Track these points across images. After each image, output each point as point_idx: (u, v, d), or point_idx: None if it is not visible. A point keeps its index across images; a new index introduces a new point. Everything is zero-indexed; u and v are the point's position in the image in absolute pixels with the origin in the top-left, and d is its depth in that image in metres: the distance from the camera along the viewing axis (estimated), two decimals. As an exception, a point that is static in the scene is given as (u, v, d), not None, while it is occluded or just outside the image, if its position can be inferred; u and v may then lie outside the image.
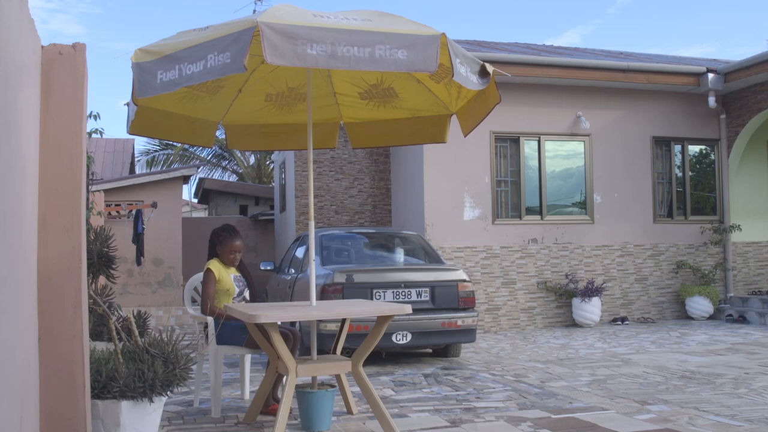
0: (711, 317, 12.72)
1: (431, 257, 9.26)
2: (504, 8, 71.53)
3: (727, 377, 7.20)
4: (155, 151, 28.64)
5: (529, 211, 12.33)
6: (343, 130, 6.70)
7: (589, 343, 9.96)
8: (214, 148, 28.12)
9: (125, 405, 4.11)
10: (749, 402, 6.03)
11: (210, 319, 5.98)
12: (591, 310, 11.88)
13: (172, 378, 4.28)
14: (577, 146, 12.66)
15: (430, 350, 9.24)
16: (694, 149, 13.59)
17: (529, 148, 12.38)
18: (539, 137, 12.37)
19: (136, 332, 4.47)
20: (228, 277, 6.08)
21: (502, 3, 71.28)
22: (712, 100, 12.96)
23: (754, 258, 13.57)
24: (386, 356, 8.88)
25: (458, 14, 72.55)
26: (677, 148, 13.39)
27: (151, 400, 4.18)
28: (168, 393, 4.32)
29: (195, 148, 27.35)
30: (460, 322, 8.32)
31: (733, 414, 5.60)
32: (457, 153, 11.61)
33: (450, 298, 8.39)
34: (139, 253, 13.54)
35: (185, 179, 16.79)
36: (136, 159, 25.30)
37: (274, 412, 5.72)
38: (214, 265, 6.05)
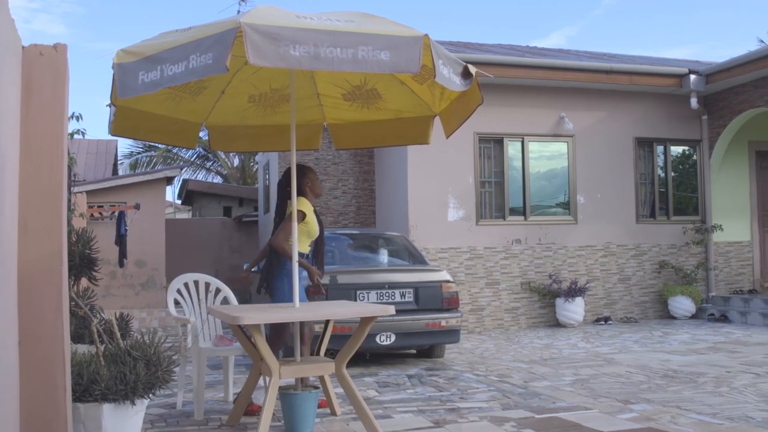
0: (693, 316, 12.80)
1: (415, 258, 9.26)
2: (490, 10, 71.65)
3: (708, 376, 7.25)
4: (138, 153, 28.55)
5: (513, 211, 12.36)
6: (327, 132, 6.69)
7: (572, 343, 10.00)
8: (197, 149, 28.07)
9: (107, 408, 4.08)
10: (730, 400, 6.07)
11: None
12: (574, 310, 11.93)
13: (154, 380, 4.26)
14: (560, 147, 12.70)
15: (414, 351, 9.25)
16: (676, 150, 13.67)
17: (512, 149, 12.41)
18: (523, 138, 12.41)
19: (118, 334, 4.45)
20: (314, 219, 5.91)
21: (488, 5, 71.42)
22: (694, 101, 13.04)
23: (735, 257, 13.66)
24: (370, 357, 8.88)
25: (444, 16, 72.64)
26: (660, 148, 13.47)
27: (133, 403, 4.15)
28: (150, 395, 4.30)
29: (178, 149, 27.29)
30: (444, 323, 8.32)
31: (714, 412, 5.64)
32: (441, 154, 11.62)
33: (434, 298, 8.39)
34: (122, 254, 13.46)
35: (168, 180, 16.73)
36: (119, 162, 25.19)
37: (253, 413, 5.71)
38: (306, 206, 5.83)
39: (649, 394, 6.42)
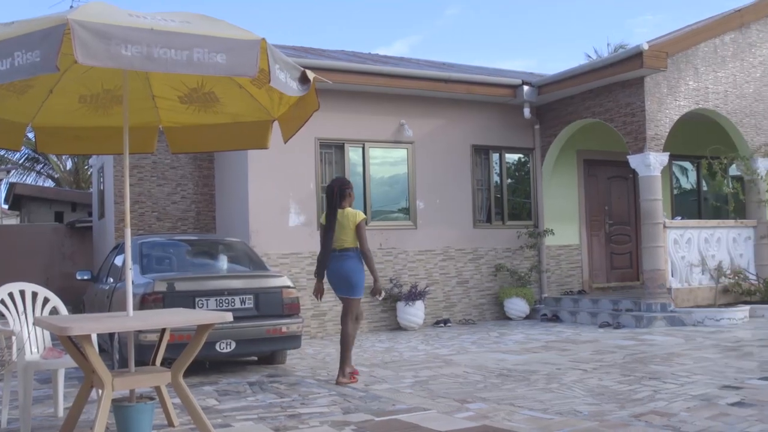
0: (527, 317, 13.34)
1: (255, 264, 9.16)
2: (335, 16, 72.22)
3: (540, 374, 7.56)
4: (-39, 154, 26.86)
5: (355, 216, 12.43)
6: (163, 135, 6.51)
7: (412, 346, 10.18)
8: (27, 151, 26.73)
9: None
10: (560, 396, 6.35)
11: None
12: (415, 313, 12.16)
13: (-28, 397, 4.00)
14: (401, 153, 12.91)
15: (255, 358, 9.14)
16: (511, 157, 14.21)
17: (354, 154, 12.51)
18: (364, 144, 12.53)
19: (-68, 349, 4.15)
20: None
21: (334, 11, 71.93)
22: (527, 111, 13.62)
23: (565, 260, 14.35)
24: (210, 365, 8.71)
25: (287, 20, 72.51)
26: (495, 156, 13.95)
27: (-52, 422, 3.89)
28: (-32, 413, 4.03)
29: (5, 151, 25.85)
30: (285, 329, 8.27)
31: (545, 408, 5.89)
32: (282, 159, 11.55)
33: (274, 304, 8.32)
34: (-59, 263, 12.61)
35: (-7, 184, 15.81)
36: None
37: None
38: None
39: (485, 393, 6.62)
